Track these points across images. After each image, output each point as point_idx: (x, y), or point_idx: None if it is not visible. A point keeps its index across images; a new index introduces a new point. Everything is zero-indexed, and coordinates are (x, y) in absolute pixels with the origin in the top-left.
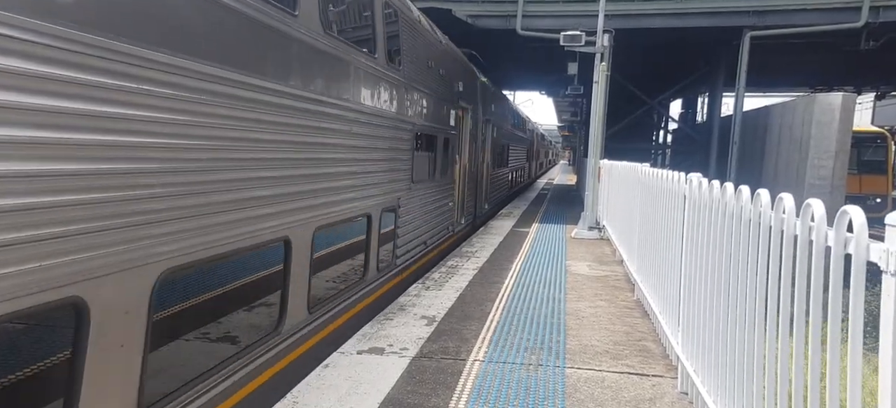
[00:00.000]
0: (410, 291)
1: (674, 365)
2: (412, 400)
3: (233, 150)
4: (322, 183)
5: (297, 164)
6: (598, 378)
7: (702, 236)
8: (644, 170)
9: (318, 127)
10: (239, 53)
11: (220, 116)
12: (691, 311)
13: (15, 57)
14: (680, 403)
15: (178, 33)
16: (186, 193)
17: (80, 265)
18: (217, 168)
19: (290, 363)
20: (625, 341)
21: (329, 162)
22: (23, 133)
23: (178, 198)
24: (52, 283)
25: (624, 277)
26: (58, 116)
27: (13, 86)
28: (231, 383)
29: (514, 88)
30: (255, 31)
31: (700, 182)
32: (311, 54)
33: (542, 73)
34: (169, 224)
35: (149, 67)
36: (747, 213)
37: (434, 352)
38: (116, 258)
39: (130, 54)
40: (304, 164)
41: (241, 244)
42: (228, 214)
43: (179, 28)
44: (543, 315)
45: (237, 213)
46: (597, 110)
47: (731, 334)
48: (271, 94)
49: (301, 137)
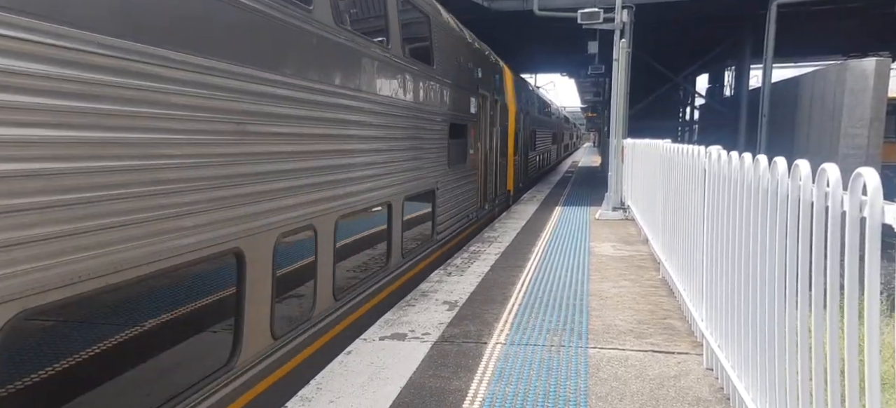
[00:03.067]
0: (432, 278)
1: (699, 342)
2: (434, 384)
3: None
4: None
5: (379, 160)
6: (621, 357)
7: (722, 209)
8: (665, 146)
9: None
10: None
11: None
12: (714, 286)
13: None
14: (705, 379)
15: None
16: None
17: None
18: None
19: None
20: (649, 319)
21: (403, 153)
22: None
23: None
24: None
25: (649, 256)
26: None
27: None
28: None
29: (534, 71)
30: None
31: (719, 154)
32: (397, 73)
33: (562, 54)
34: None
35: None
36: (765, 182)
37: (455, 336)
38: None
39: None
40: (384, 159)
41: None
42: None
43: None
44: (566, 297)
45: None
46: (618, 89)
47: (752, 308)
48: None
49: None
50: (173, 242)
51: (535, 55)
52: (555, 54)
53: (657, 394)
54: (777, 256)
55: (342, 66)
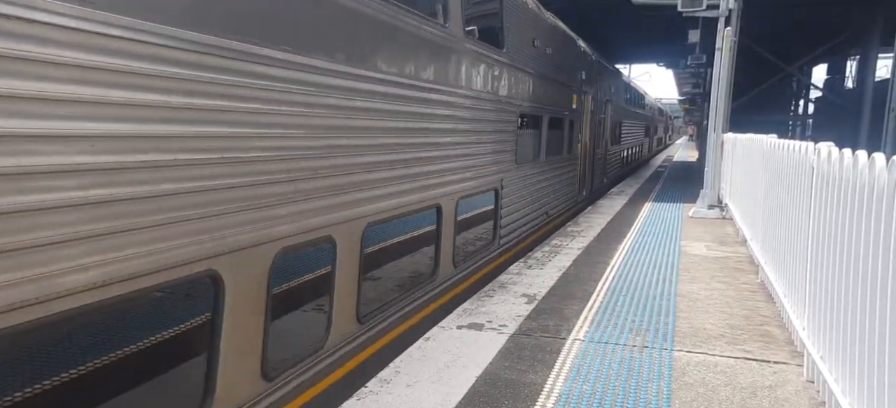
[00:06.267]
0: (511, 270)
1: (799, 352)
2: (509, 376)
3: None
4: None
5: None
6: (710, 362)
7: (830, 212)
8: (767, 141)
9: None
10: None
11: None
12: (819, 293)
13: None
14: (805, 391)
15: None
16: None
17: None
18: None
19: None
20: (743, 325)
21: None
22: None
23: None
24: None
25: (746, 258)
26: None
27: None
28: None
29: (629, 62)
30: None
31: (829, 152)
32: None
33: (658, 43)
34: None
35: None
36: (881, 184)
37: (533, 329)
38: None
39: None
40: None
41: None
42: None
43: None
44: (652, 296)
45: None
46: (721, 79)
47: (861, 320)
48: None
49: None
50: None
51: (629, 46)
52: (649, 43)
53: (749, 404)
54: (892, 265)
55: (413, 55)
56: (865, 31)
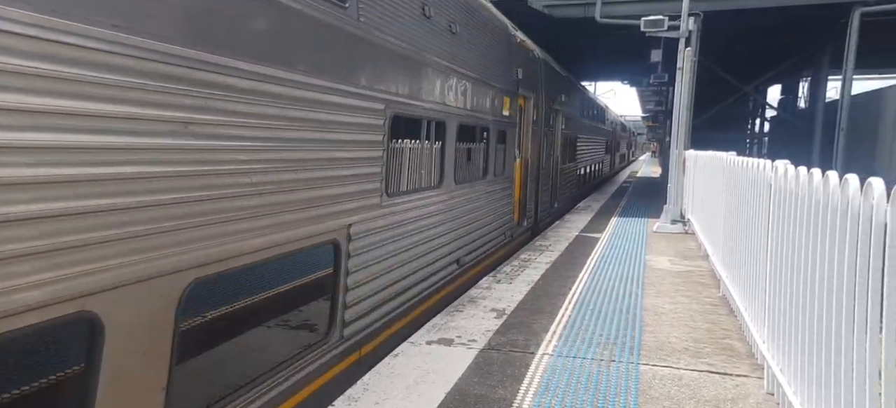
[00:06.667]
0: (481, 284)
1: (759, 365)
2: (479, 391)
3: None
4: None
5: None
6: (675, 376)
7: (787, 227)
8: (728, 158)
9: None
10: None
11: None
12: (777, 307)
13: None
14: (766, 404)
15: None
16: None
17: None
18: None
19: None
20: (706, 338)
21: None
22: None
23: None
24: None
25: (708, 272)
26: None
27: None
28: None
29: (593, 79)
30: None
31: (785, 169)
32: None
33: (623, 62)
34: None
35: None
36: (835, 200)
37: (502, 344)
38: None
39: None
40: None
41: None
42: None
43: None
44: (618, 310)
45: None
46: (681, 98)
47: (819, 333)
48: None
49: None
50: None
51: (594, 63)
52: (614, 62)
53: None
54: (846, 280)
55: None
56: (816, 56)
